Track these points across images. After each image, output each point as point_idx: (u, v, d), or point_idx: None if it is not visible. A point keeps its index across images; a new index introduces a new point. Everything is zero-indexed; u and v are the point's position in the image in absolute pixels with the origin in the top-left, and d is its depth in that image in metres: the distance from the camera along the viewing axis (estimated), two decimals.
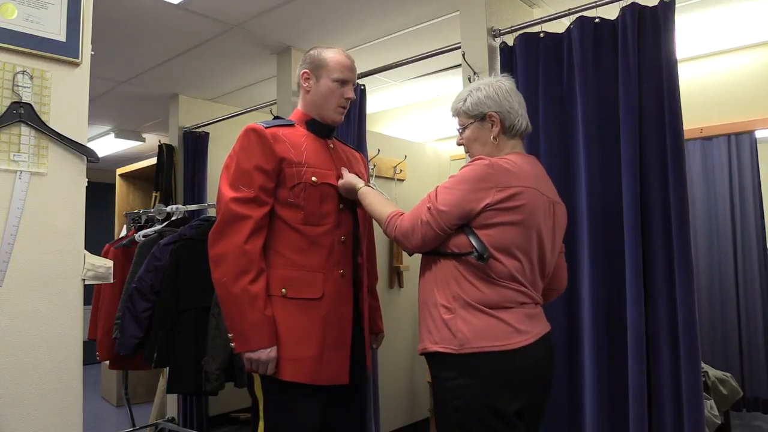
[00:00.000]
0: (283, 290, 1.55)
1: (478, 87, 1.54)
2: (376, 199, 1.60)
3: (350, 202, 1.68)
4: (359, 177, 1.69)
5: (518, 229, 1.39)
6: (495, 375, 1.36)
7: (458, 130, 1.59)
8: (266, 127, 1.60)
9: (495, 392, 1.36)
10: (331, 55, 1.70)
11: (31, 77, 1.49)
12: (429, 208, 1.41)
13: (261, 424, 1.58)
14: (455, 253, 1.41)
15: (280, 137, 1.61)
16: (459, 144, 1.61)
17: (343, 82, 1.68)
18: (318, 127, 1.72)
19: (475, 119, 1.53)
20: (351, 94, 1.71)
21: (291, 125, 1.69)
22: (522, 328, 1.40)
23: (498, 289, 1.39)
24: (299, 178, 1.59)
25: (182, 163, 3.77)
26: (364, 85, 2.82)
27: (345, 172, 1.69)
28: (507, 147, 1.52)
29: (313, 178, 1.60)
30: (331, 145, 1.74)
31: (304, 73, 1.71)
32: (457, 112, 1.59)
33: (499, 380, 1.36)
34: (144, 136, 5.00)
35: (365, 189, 1.63)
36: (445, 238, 1.43)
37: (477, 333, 1.37)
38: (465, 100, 1.55)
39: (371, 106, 4.09)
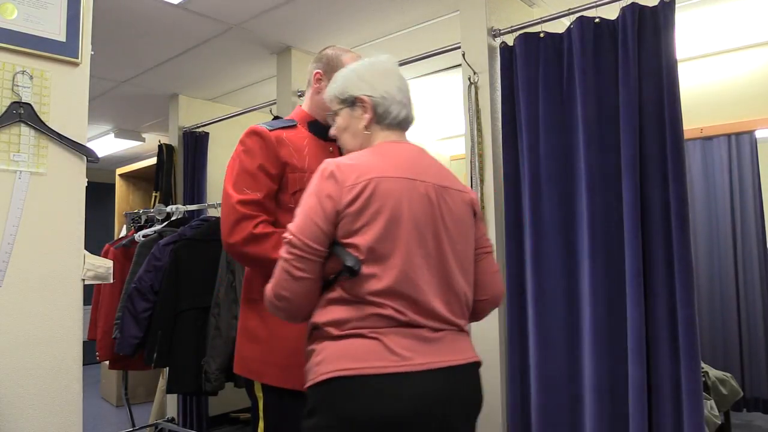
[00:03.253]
0: None
1: (353, 67, 1.33)
2: None
3: None
4: None
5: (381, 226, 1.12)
6: (347, 416, 1.04)
7: (328, 115, 1.40)
8: (270, 130, 1.57)
9: None
10: (349, 61, 1.61)
11: (31, 77, 1.49)
12: None
13: (261, 424, 1.58)
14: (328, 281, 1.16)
15: (284, 141, 1.58)
16: (332, 135, 1.38)
17: None
18: (320, 129, 1.71)
19: (345, 104, 1.30)
20: None
21: (293, 126, 1.67)
22: (403, 352, 1.08)
23: (365, 307, 1.11)
24: (301, 183, 1.57)
25: (182, 163, 3.77)
26: None
27: None
28: (378, 139, 1.28)
29: None
30: (331, 149, 1.73)
31: (317, 73, 1.65)
32: (328, 97, 1.36)
33: (355, 427, 1.04)
34: (144, 136, 5.00)
35: None
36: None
37: (334, 354, 1.09)
38: (336, 81, 1.33)
39: None
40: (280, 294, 1.14)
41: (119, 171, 5.00)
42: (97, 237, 2.83)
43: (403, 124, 1.30)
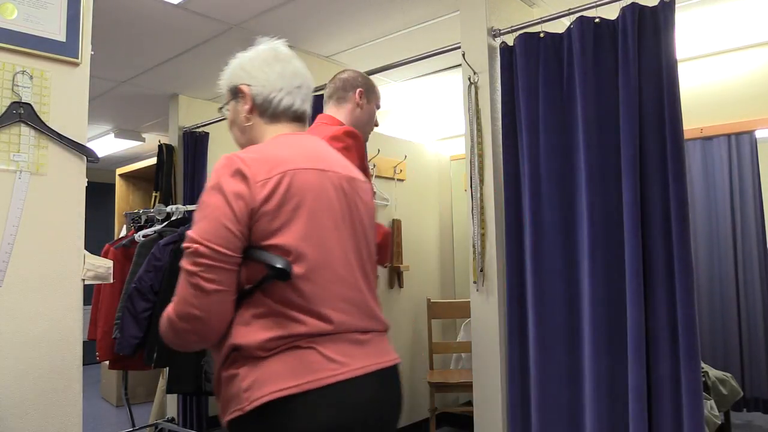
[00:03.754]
0: None
1: (240, 56, 1.24)
2: None
3: None
4: None
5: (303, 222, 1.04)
6: None
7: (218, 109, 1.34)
8: None
9: None
10: (375, 84, 1.88)
11: (31, 77, 1.49)
12: None
13: None
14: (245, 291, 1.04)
15: None
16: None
17: (378, 109, 1.90)
18: None
19: (231, 96, 1.22)
20: (379, 122, 1.92)
21: None
22: (340, 359, 1.01)
23: (297, 316, 1.01)
24: None
25: (182, 163, 3.77)
26: None
27: None
28: (268, 132, 1.18)
29: None
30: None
31: (360, 90, 1.81)
32: (222, 90, 1.28)
33: None
34: (144, 136, 5.00)
35: None
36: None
37: (267, 374, 0.98)
38: (225, 72, 1.25)
39: None
40: (189, 314, 0.99)
41: (119, 171, 5.00)
42: (97, 237, 2.83)
43: (289, 113, 1.18)
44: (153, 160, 4.05)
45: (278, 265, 0.98)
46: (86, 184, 1.61)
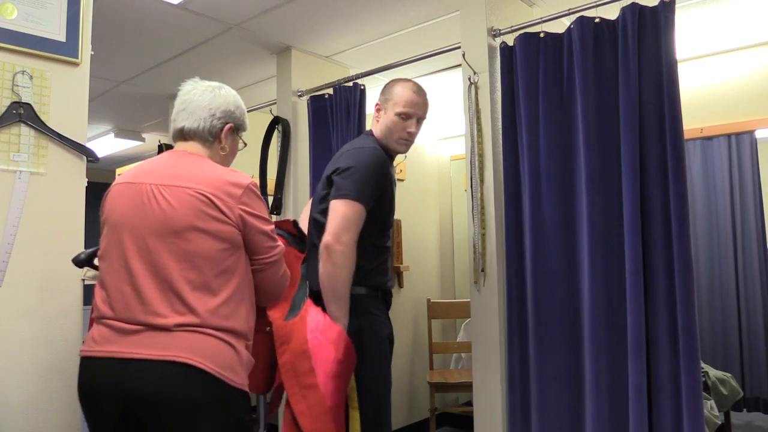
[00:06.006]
0: None
1: None
2: None
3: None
4: None
5: (106, 231, 1.35)
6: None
7: None
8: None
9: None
10: (399, 89, 1.80)
11: (31, 77, 1.49)
12: None
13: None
14: None
15: None
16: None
17: (406, 116, 1.78)
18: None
19: None
20: (413, 129, 1.80)
21: None
22: (94, 337, 1.31)
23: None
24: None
25: None
26: (363, 85, 2.82)
27: None
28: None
29: None
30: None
31: (376, 104, 1.86)
32: None
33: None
34: (144, 136, 5.00)
35: None
36: None
37: None
38: None
39: (371, 106, 4.08)
40: None
41: (119, 171, 5.00)
42: (97, 237, 2.83)
43: (176, 134, 1.44)
44: None
45: (81, 256, 1.46)
46: (86, 184, 1.61)
